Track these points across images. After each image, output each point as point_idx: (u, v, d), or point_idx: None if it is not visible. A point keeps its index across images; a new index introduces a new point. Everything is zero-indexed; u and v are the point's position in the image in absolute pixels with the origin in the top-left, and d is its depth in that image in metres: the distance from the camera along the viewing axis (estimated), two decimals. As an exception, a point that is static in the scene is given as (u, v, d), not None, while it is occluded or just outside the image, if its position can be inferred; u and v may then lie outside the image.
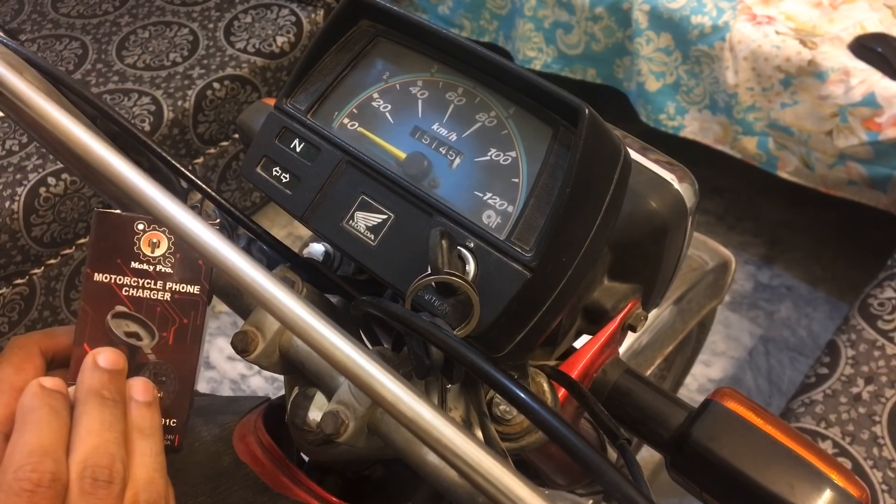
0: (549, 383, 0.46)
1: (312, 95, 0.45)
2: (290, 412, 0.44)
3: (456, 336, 0.35)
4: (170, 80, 1.68)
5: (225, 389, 1.70)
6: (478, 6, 1.94)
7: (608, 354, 0.51)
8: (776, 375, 1.69)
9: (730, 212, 2.00)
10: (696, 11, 1.59)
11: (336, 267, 0.56)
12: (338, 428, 0.38)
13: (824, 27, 1.55)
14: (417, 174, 0.41)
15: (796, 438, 0.42)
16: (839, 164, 1.55)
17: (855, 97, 1.46)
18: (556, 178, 0.38)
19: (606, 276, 0.51)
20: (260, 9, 1.85)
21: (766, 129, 1.61)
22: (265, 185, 0.45)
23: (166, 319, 0.42)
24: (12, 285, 1.47)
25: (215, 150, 1.74)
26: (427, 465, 0.39)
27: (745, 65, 1.56)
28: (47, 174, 1.47)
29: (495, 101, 0.42)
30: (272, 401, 0.53)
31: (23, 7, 1.89)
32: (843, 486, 0.40)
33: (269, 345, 0.43)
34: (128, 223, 0.42)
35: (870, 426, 1.08)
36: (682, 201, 0.50)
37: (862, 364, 1.16)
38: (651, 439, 0.48)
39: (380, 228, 0.41)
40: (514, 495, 0.30)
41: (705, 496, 0.43)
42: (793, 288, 1.85)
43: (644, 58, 1.69)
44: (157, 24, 1.83)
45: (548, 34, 1.83)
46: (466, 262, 0.38)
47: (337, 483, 0.50)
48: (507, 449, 0.44)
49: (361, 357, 0.32)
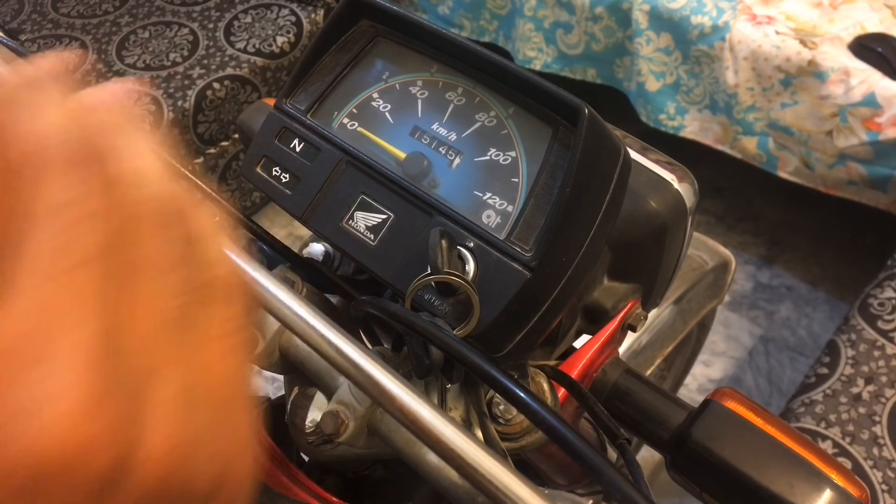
0: (549, 383, 0.46)
1: (312, 95, 0.45)
2: (290, 412, 0.44)
3: (456, 336, 0.35)
4: (170, 80, 1.68)
5: (225, 389, 1.70)
6: (478, 6, 1.94)
7: (608, 354, 0.51)
8: (776, 375, 1.69)
9: (730, 212, 2.00)
10: (696, 11, 1.59)
11: (336, 267, 0.56)
12: (338, 428, 0.38)
13: (824, 27, 1.55)
14: (417, 174, 0.41)
15: (796, 438, 0.42)
16: (839, 164, 1.55)
17: (855, 97, 1.46)
18: (556, 177, 0.38)
19: (606, 276, 0.51)
20: (260, 9, 1.85)
21: (766, 129, 1.61)
22: (265, 185, 0.45)
23: None
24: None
25: (215, 150, 1.74)
26: (427, 465, 0.39)
27: (745, 65, 1.56)
28: (47, 174, 1.47)
29: (495, 100, 0.42)
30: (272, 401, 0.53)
31: (23, 7, 1.89)
32: (843, 486, 0.40)
33: (269, 345, 0.43)
34: None
35: (870, 426, 1.08)
36: (682, 201, 0.50)
37: (862, 364, 1.16)
38: (651, 439, 0.48)
39: (379, 228, 0.41)
40: (514, 495, 0.30)
41: (705, 496, 0.43)
42: (793, 288, 1.85)
43: (644, 58, 1.69)
44: (157, 24, 1.83)
45: (548, 34, 1.83)
46: (466, 262, 0.38)
47: (337, 483, 0.50)
48: (507, 449, 0.44)
49: (361, 357, 0.32)
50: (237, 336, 0.21)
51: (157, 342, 0.19)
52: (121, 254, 0.19)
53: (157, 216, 0.20)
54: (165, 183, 0.21)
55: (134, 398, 0.18)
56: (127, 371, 0.18)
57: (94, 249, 0.18)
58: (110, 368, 0.17)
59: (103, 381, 0.17)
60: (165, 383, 0.19)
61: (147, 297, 0.19)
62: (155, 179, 0.21)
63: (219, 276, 0.21)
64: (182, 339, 0.19)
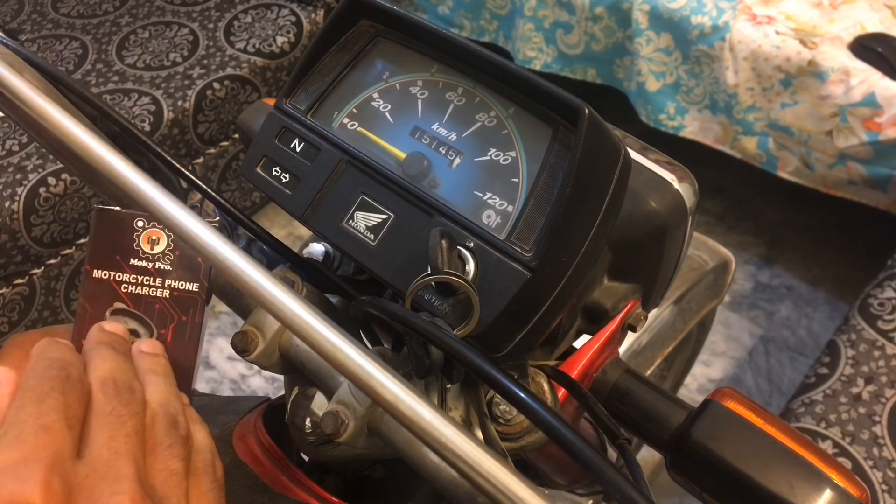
0: (549, 383, 0.46)
1: (312, 95, 0.45)
2: (290, 412, 0.44)
3: (456, 336, 0.35)
4: (170, 80, 1.68)
5: (225, 389, 1.70)
6: (478, 6, 1.94)
7: (608, 354, 0.51)
8: (776, 375, 1.69)
9: (730, 212, 2.00)
10: (696, 11, 1.59)
11: (336, 267, 0.56)
12: (338, 428, 0.38)
13: (824, 27, 1.55)
14: (417, 174, 0.41)
15: (796, 438, 0.42)
16: (839, 164, 1.55)
17: (855, 97, 1.46)
18: (556, 177, 0.38)
19: (606, 276, 0.51)
20: (260, 9, 1.85)
21: (766, 129, 1.61)
22: (265, 185, 0.45)
23: (165, 317, 0.42)
24: (12, 285, 1.47)
25: (215, 150, 1.74)
26: (427, 465, 0.39)
27: (745, 65, 1.56)
28: (47, 174, 1.47)
29: (495, 100, 0.42)
30: (272, 401, 0.53)
31: (23, 7, 1.89)
32: (843, 486, 0.40)
33: (269, 345, 0.43)
34: (127, 220, 0.42)
35: (870, 426, 1.08)
36: (682, 201, 0.50)
37: (862, 364, 1.16)
38: (651, 439, 0.48)
39: (380, 228, 0.41)
40: (514, 495, 0.30)
41: (705, 496, 0.43)
42: (793, 288, 1.85)
43: (644, 58, 1.69)
44: (157, 24, 1.83)
45: (548, 34, 1.83)
46: (466, 262, 0.38)
47: (337, 483, 0.50)
48: (507, 449, 0.44)
49: (361, 357, 0.32)
50: (219, 493, 0.37)
51: (169, 485, 0.34)
52: (146, 436, 0.35)
53: (167, 418, 0.36)
54: (174, 403, 0.37)
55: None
56: (153, 495, 0.33)
57: (131, 431, 0.34)
58: (144, 493, 0.32)
59: (142, 499, 0.32)
60: (174, 503, 0.34)
61: (160, 458, 0.35)
62: (165, 401, 0.37)
63: (205, 455, 0.38)
64: (180, 484, 0.35)
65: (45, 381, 0.34)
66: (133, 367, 0.39)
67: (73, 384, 0.35)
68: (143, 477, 0.33)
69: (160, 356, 0.41)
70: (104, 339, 0.40)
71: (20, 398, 0.33)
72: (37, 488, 0.30)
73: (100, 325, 0.41)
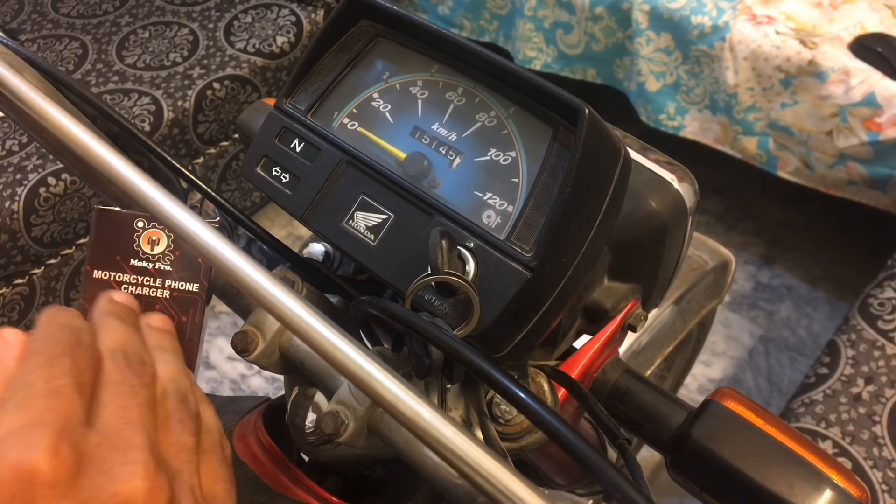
0: (549, 383, 0.46)
1: (312, 95, 0.45)
2: (290, 412, 0.44)
3: (456, 336, 0.35)
4: (170, 80, 1.68)
5: (225, 389, 1.70)
6: (478, 6, 1.94)
7: (608, 354, 0.51)
8: (776, 375, 1.69)
9: (730, 212, 2.00)
10: (696, 11, 1.59)
11: (336, 267, 0.56)
12: (338, 428, 0.38)
13: (824, 27, 1.55)
14: (417, 174, 0.41)
15: (796, 438, 0.42)
16: (839, 164, 1.55)
17: (855, 97, 1.46)
18: (556, 177, 0.38)
19: (606, 276, 0.51)
20: (260, 9, 1.85)
21: (766, 129, 1.61)
22: (265, 185, 0.45)
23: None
24: (12, 285, 1.47)
25: (215, 150, 1.74)
26: (427, 465, 0.39)
27: (745, 65, 1.56)
28: (47, 174, 1.47)
29: (495, 101, 0.42)
30: (272, 401, 0.53)
31: (23, 7, 1.89)
32: (843, 486, 0.40)
33: (269, 345, 0.43)
34: (128, 220, 0.42)
35: (870, 426, 1.08)
36: (682, 201, 0.50)
37: (862, 364, 1.16)
38: (651, 439, 0.48)
39: (380, 228, 0.41)
40: (514, 495, 0.30)
41: (705, 496, 0.43)
42: (793, 288, 1.85)
43: (644, 58, 1.69)
44: (157, 24, 1.83)
45: (548, 34, 1.83)
46: (466, 262, 0.38)
47: (337, 483, 0.50)
48: (507, 449, 0.44)
49: (361, 357, 0.32)
50: (227, 471, 0.37)
51: (181, 459, 0.34)
52: (157, 408, 0.34)
53: (177, 394, 0.36)
54: (183, 379, 0.37)
55: (170, 480, 0.32)
56: (166, 468, 0.32)
57: (142, 402, 0.33)
58: (157, 464, 0.31)
59: (155, 470, 0.31)
60: (186, 477, 0.33)
61: (172, 432, 0.34)
62: (175, 377, 0.36)
63: (213, 434, 0.37)
64: (192, 459, 0.34)
65: (54, 344, 0.32)
66: (143, 340, 0.38)
67: (85, 349, 0.33)
68: (154, 449, 0.32)
69: (170, 332, 0.40)
70: (114, 309, 0.38)
71: (28, 360, 0.32)
72: (45, 454, 0.28)
73: (109, 296, 0.39)
